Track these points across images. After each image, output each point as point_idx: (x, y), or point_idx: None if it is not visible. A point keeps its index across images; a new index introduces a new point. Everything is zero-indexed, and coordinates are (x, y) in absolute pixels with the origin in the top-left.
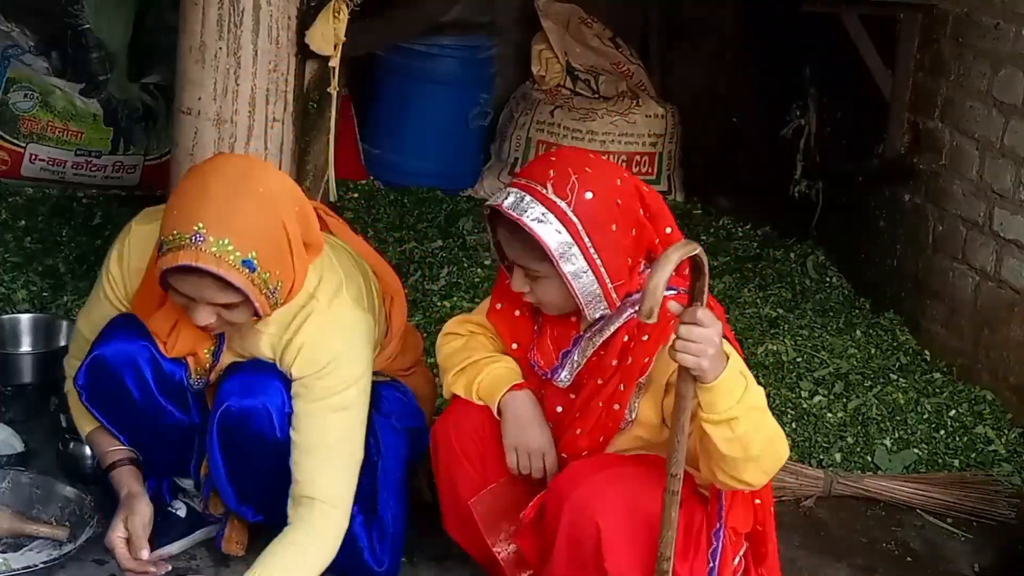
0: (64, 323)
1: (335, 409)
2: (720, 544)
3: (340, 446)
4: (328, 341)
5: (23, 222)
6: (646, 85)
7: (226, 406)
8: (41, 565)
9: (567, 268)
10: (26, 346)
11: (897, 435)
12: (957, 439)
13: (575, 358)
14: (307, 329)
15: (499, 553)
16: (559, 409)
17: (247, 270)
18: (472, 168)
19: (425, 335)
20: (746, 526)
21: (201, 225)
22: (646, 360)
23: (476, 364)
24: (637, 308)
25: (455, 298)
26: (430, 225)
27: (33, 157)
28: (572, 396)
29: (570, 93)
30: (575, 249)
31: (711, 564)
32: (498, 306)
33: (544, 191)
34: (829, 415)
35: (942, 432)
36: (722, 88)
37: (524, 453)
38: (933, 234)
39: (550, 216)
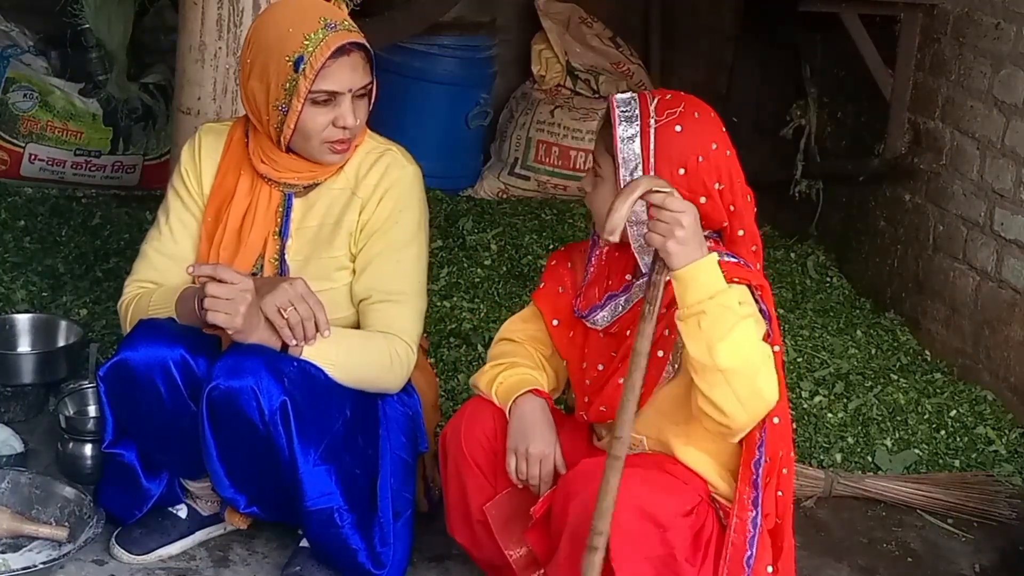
0: (63, 323)
1: (400, 249)
2: (757, 531)
3: (404, 286)
4: (407, 187)
5: (22, 222)
6: (646, 85)
7: (213, 385)
8: (40, 565)
9: (624, 175)
10: (25, 346)
11: (898, 435)
12: (958, 439)
13: (620, 302)
14: (392, 174)
15: (512, 556)
16: (600, 367)
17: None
18: (472, 168)
19: (426, 335)
20: (770, 522)
21: (324, 18)
22: None
23: (511, 364)
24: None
25: (455, 298)
26: (430, 225)
27: (32, 157)
28: (614, 354)
29: (570, 93)
30: (638, 164)
31: (749, 551)
32: (542, 286)
33: (650, 101)
34: (829, 415)
35: (943, 432)
36: (722, 88)
37: (523, 457)
38: (934, 234)
39: (636, 123)
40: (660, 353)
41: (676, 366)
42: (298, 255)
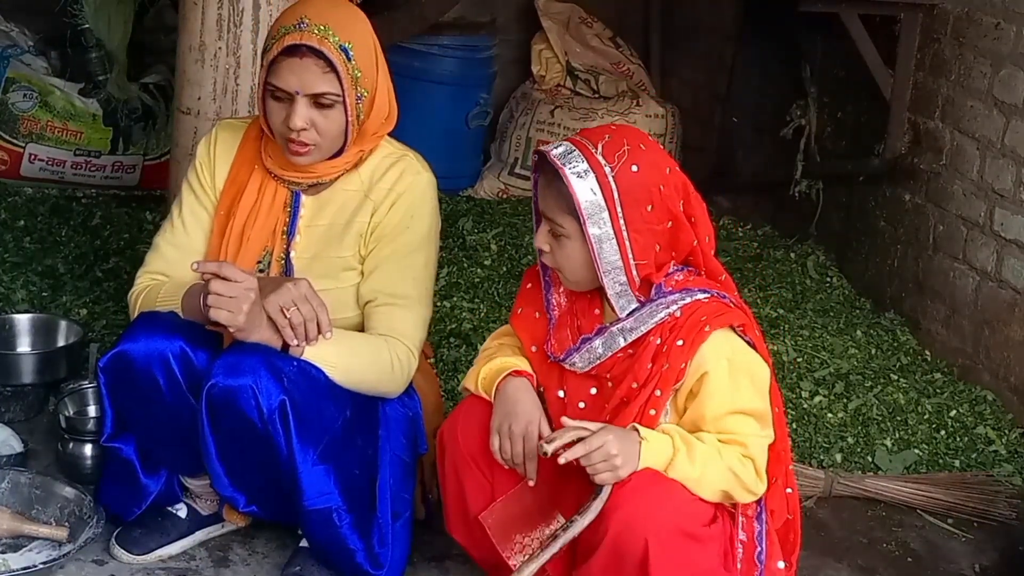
0: (63, 323)
1: (408, 254)
2: (764, 526)
3: (410, 291)
4: (420, 194)
5: (22, 222)
6: (646, 85)
7: (212, 383)
8: (40, 566)
9: (592, 230)
10: (25, 346)
11: (898, 435)
12: (958, 439)
13: (597, 348)
14: (407, 179)
15: (513, 563)
16: (581, 405)
17: (343, 56)
18: (472, 168)
19: (428, 340)
20: (780, 518)
21: (304, 16)
22: (683, 366)
23: (489, 358)
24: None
25: (455, 298)
26: None
27: (32, 157)
28: (593, 391)
29: (570, 93)
30: (605, 215)
31: (758, 547)
32: (519, 311)
33: (593, 150)
34: (829, 415)
35: (943, 432)
36: (722, 88)
37: (506, 436)
38: (933, 234)
39: (591, 175)
40: (652, 412)
41: (667, 420)
42: (305, 252)
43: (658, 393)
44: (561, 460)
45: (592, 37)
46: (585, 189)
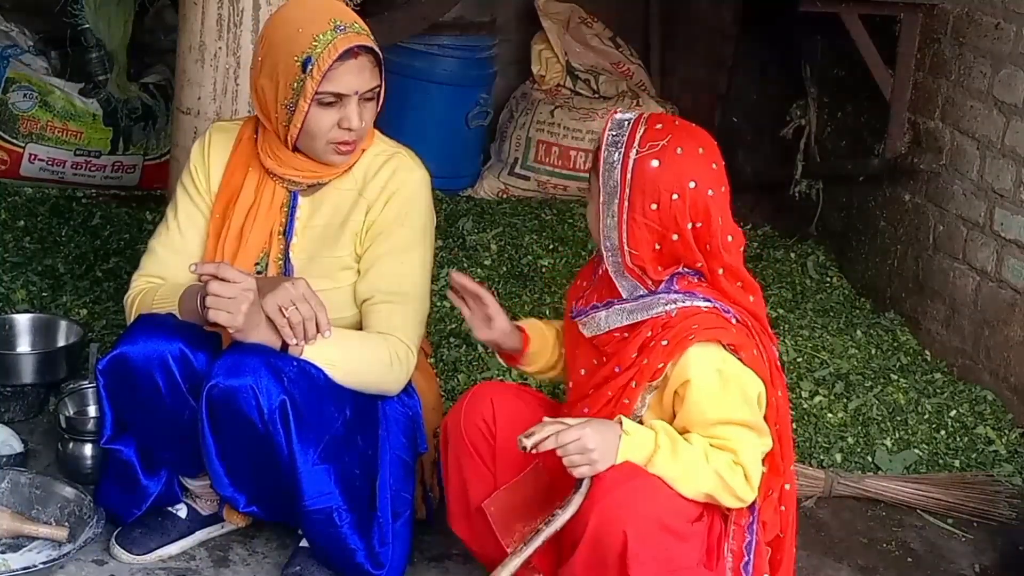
0: (63, 323)
1: (404, 251)
2: (755, 537)
3: (407, 289)
4: (414, 191)
5: (22, 222)
6: (646, 85)
7: (212, 383)
8: (40, 565)
9: (603, 199)
10: (25, 346)
11: (898, 435)
12: (958, 439)
13: (601, 318)
14: (400, 176)
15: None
16: (583, 372)
17: (377, 46)
18: (472, 168)
19: (427, 339)
20: (771, 532)
21: (334, 19)
22: (660, 366)
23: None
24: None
25: None
26: None
27: (32, 157)
28: (595, 362)
29: (570, 93)
30: (617, 192)
31: (746, 558)
32: (576, 281)
33: (640, 130)
34: (829, 415)
35: (943, 432)
36: (722, 88)
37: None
38: (933, 234)
39: (620, 150)
40: (626, 401)
41: (644, 411)
42: (303, 254)
43: (633, 385)
44: (533, 451)
45: (592, 37)
46: (610, 160)
